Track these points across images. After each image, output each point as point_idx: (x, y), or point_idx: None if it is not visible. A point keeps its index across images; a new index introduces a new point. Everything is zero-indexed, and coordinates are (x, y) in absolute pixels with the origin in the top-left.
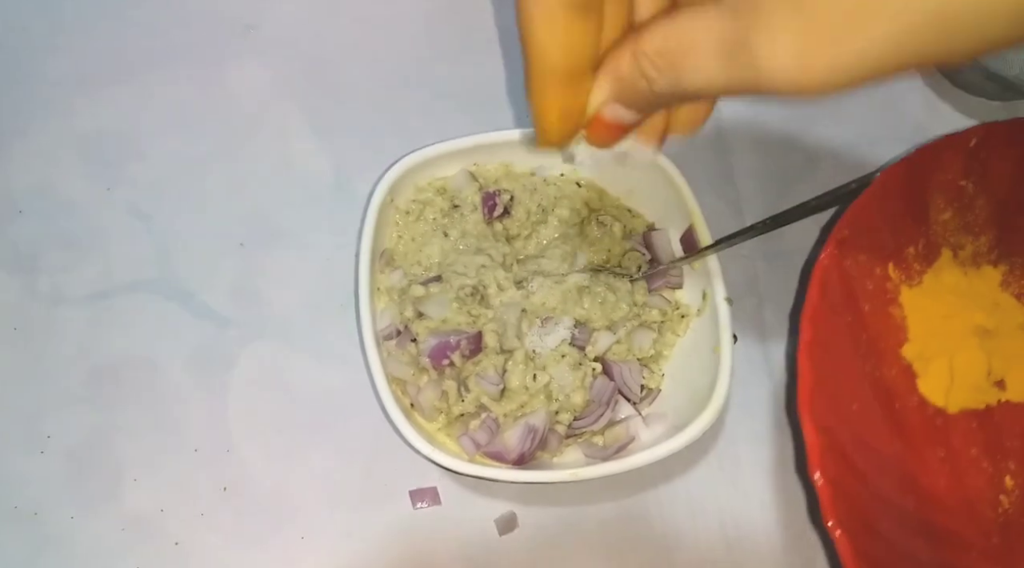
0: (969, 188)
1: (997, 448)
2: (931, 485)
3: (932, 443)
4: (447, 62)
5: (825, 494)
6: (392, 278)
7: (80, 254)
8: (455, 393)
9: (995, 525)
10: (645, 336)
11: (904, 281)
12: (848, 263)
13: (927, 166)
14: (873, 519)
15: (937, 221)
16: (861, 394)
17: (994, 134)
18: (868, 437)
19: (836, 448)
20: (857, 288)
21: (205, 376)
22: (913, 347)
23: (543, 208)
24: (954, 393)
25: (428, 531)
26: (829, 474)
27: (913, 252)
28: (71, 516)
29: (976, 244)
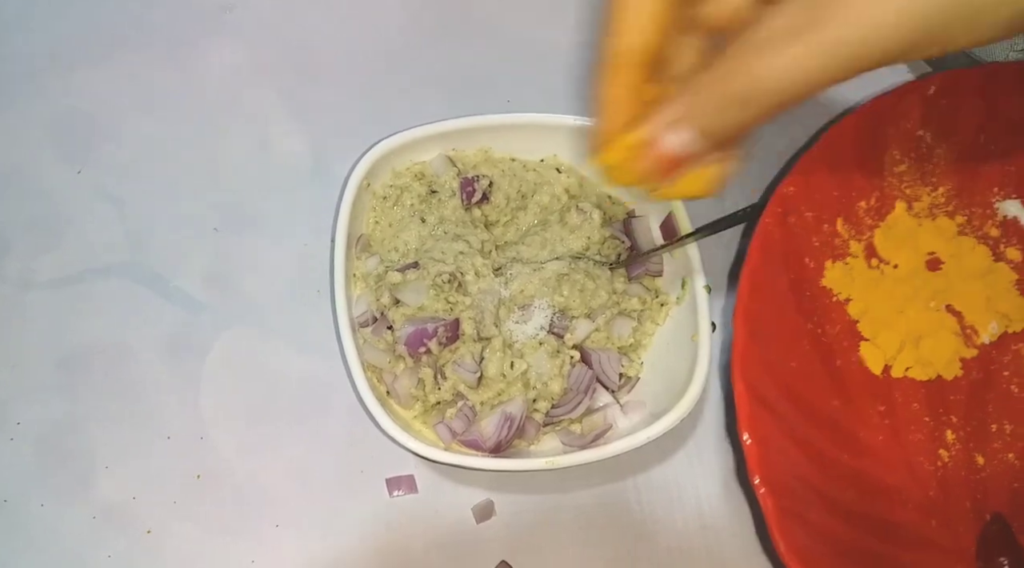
0: (927, 138)
1: (940, 402)
2: (869, 440)
3: (873, 399)
4: (427, 45)
5: (752, 453)
6: (368, 264)
7: (50, 238)
8: (431, 381)
9: (933, 479)
10: (624, 324)
11: (854, 236)
12: (792, 220)
13: (882, 116)
14: (803, 476)
15: (892, 173)
16: (800, 351)
17: (955, 81)
18: (806, 394)
19: (767, 406)
20: (802, 245)
21: (178, 363)
22: (858, 305)
23: (522, 194)
24: (900, 363)
25: (405, 519)
26: (758, 433)
27: (865, 206)
28: (41, 504)
29: (933, 195)
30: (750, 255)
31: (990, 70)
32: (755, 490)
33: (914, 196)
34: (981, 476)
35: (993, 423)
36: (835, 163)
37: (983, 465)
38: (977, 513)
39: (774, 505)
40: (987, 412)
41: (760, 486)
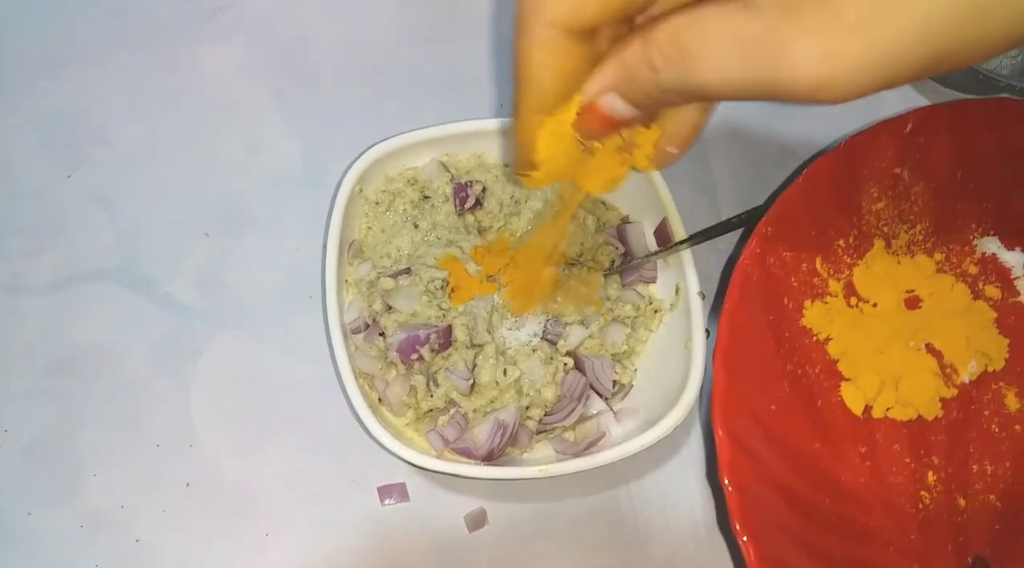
0: (905, 176)
1: (921, 442)
2: (850, 482)
3: (854, 440)
4: (421, 50)
5: (733, 500)
6: (361, 270)
7: (40, 241)
8: (424, 388)
9: (915, 521)
10: (618, 331)
11: (833, 275)
12: (771, 260)
13: (859, 155)
14: (784, 522)
15: (870, 211)
16: (780, 394)
17: (931, 118)
18: (786, 437)
19: (748, 452)
20: (781, 285)
21: (168, 368)
22: (838, 345)
23: (516, 200)
24: (881, 403)
25: (396, 527)
26: (738, 479)
27: (843, 245)
28: (29, 512)
29: (911, 233)
30: (729, 297)
31: (961, 107)
32: (736, 537)
33: (892, 234)
34: (962, 518)
35: (974, 464)
36: (813, 202)
37: (964, 507)
38: (959, 556)
39: (756, 553)
40: (968, 453)
41: (741, 534)
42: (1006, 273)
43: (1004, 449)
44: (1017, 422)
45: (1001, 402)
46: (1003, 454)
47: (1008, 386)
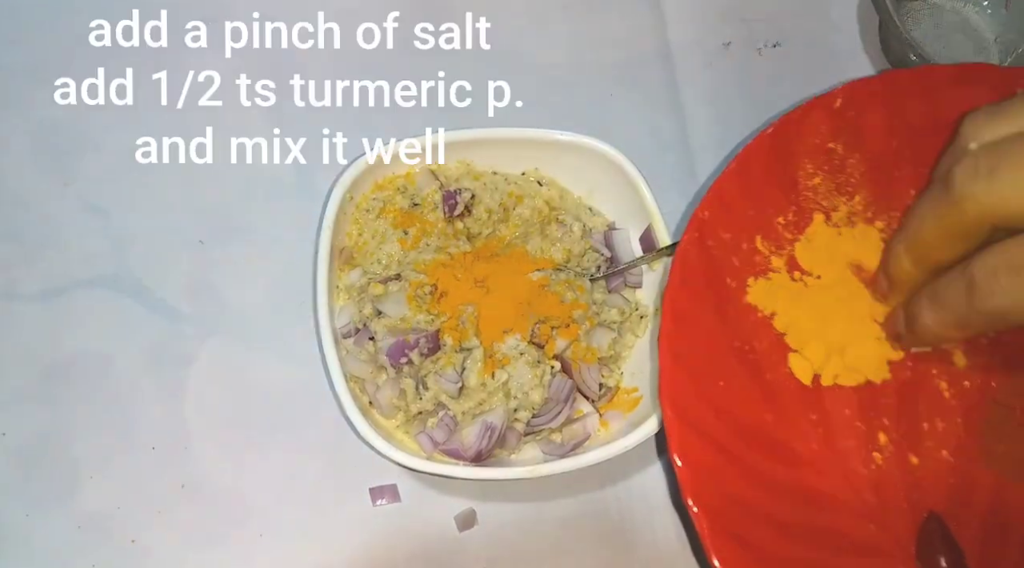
0: (839, 149)
1: (870, 406)
2: (803, 449)
3: (804, 409)
4: (411, 59)
5: (684, 476)
6: (351, 276)
7: (34, 249)
8: (413, 391)
9: (868, 482)
10: (604, 335)
11: (774, 252)
12: (711, 243)
13: (792, 133)
14: (738, 494)
15: (807, 187)
16: (727, 371)
17: (859, 91)
18: (735, 412)
19: (697, 429)
20: (722, 266)
21: (162, 373)
22: (783, 318)
23: (504, 207)
24: (829, 371)
25: (388, 528)
26: (689, 456)
27: (783, 221)
28: (26, 515)
29: (851, 204)
30: (670, 282)
31: (890, 78)
32: (688, 511)
33: (831, 207)
34: (916, 476)
35: (925, 422)
36: (748, 183)
37: (918, 465)
38: (914, 514)
39: (709, 526)
40: (918, 412)
41: (693, 507)
42: None
43: (954, 405)
44: (966, 378)
45: (949, 360)
46: (953, 410)
47: (955, 344)
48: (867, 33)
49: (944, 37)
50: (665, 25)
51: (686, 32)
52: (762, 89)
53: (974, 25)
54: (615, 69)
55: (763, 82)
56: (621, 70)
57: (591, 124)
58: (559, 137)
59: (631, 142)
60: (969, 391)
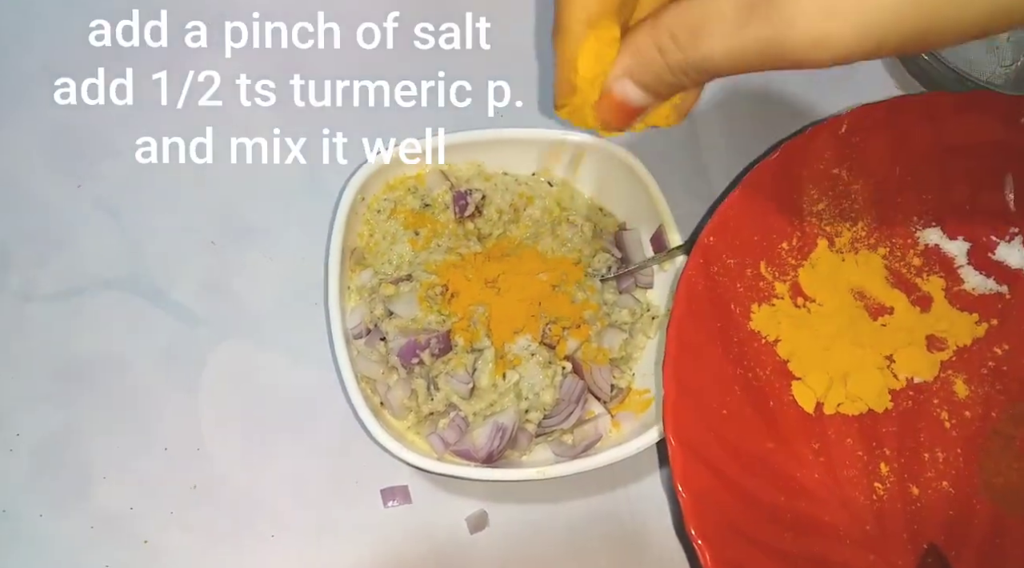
0: (844, 175)
1: (872, 435)
2: (804, 478)
3: (807, 437)
4: (422, 59)
5: (687, 505)
6: (362, 277)
7: (50, 251)
8: (424, 392)
9: (869, 512)
10: (615, 336)
11: (778, 277)
12: (715, 268)
13: (797, 158)
14: (740, 523)
15: (811, 212)
16: (731, 398)
17: (865, 116)
18: (738, 440)
19: (701, 458)
20: (726, 292)
21: (175, 374)
22: (787, 345)
23: (515, 207)
24: (831, 400)
25: (399, 529)
26: (692, 485)
27: (787, 247)
28: (40, 514)
29: (854, 230)
30: (675, 308)
31: (896, 104)
32: (692, 541)
33: (835, 232)
34: (916, 506)
35: (926, 452)
36: (753, 209)
37: (918, 495)
38: (914, 544)
39: (712, 557)
40: (919, 441)
41: (696, 538)
42: (949, 262)
43: (955, 436)
44: (967, 409)
45: (950, 390)
46: (954, 441)
47: (956, 373)
48: None
49: None
50: None
51: None
52: (773, 89)
53: None
54: None
55: (773, 79)
56: None
57: None
58: (570, 137)
59: (639, 142)
60: (970, 421)
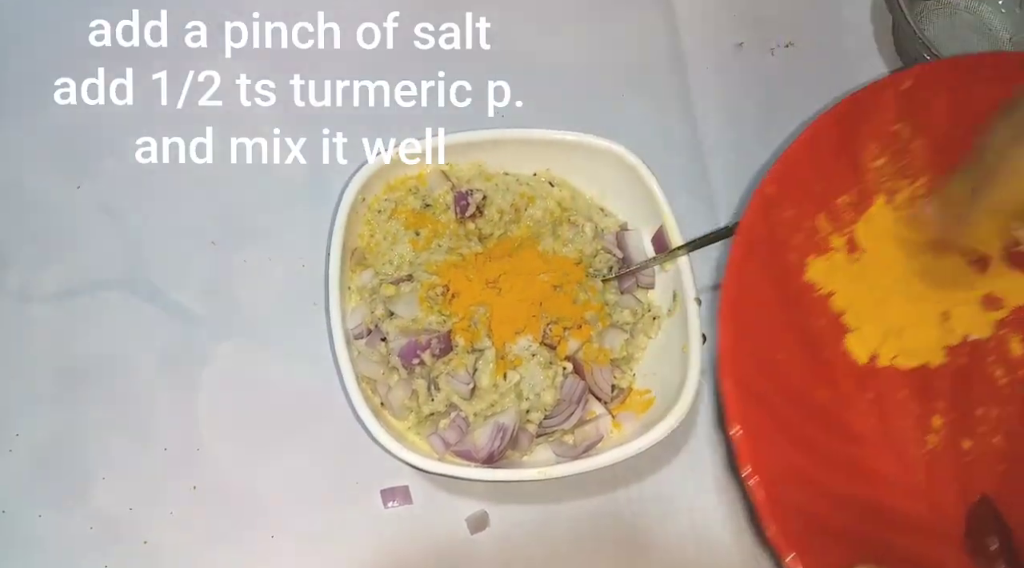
0: (904, 132)
1: (926, 389)
2: (858, 427)
3: (860, 388)
4: (422, 60)
5: (741, 445)
6: (363, 277)
7: (50, 251)
8: (425, 392)
9: (921, 463)
10: (616, 337)
11: (835, 231)
12: (775, 218)
13: (858, 113)
14: (793, 465)
15: (871, 168)
16: (786, 345)
17: (929, 74)
18: (792, 385)
19: (755, 399)
20: (785, 241)
21: (175, 375)
22: (842, 298)
23: (516, 208)
24: (886, 352)
25: (399, 530)
26: (747, 425)
27: (845, 201)
28: (39, 515)
29: (912, 188)
30: (733, 253)
31: (961, 63)
32: (744, 481)
33: (893, 189)
34: (967, 459)
35: (979, 408)
36: (814, 161)
37: (969, 449)
38: (964, 496)
39: (765, 494)
40: (972, 397)
41: (750, 477)
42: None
43: (1009, 393)
44: (1021, 367)
45: (1005, 348)
46: (1008, 398)
47: (1012, 332)
48: (880, 32)
49: (958, 36)
50: (677, 25)
51: (698, 33)
52: (774, 90)
53: (989, 24)
54: (624, 70)
55: (776, 83)
56: (630, 71)
57: (598, 125)
58: (571, 138)
59: (640, 143)
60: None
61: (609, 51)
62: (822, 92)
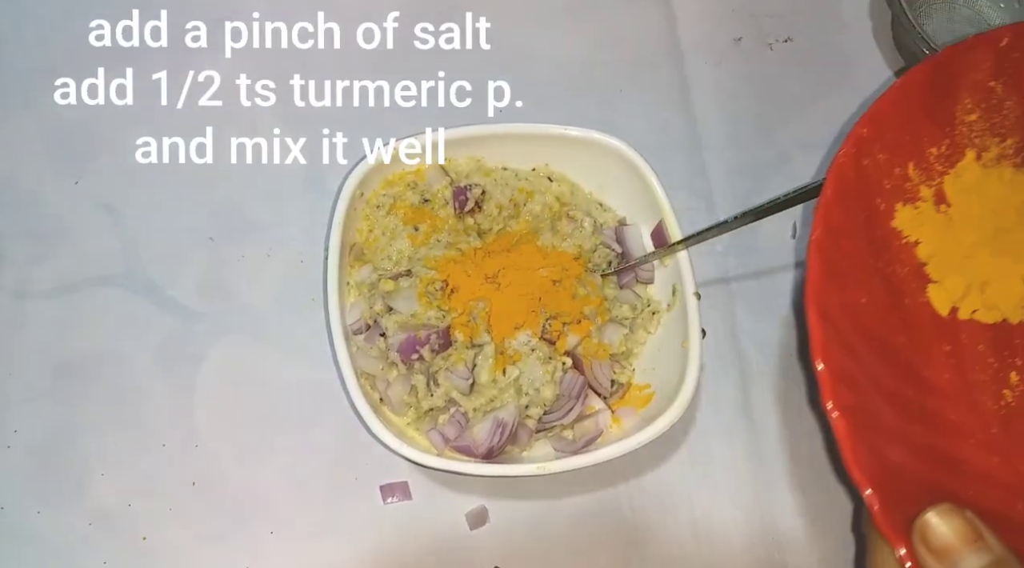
0: (999, 89)
1: (1005, 344)
2: (934, 377)
3: (939, 339)
4: (420, 56)
5: (825, 379)
6: (361, 272)
7: (47, 247)
8: (424, 387)
9: (996, 417)
10: (615, 332)
11: (924, 181)
12: (866, 161)
13: (955, 66)
14: (872, 405)
15: (963, 122)
16: (871, 288)
17: None
18: (874, 328)
19: (839, 338)
20: (874, 186)
21: (173, 371)
22: (926, 248)
23: (514, 203)
24: (967, 306)
25: (399, 526)
26: (830, 361)
27: (935, 153)
28: (38, 511)
29: (1002, 146)
30: (824, 191)
31: None
32: (827, 415)
33: (983, 146)
34: None
35: None
36: (907, 109)
37: None
38: None
39: (846, 428)
40: None
41: (833, 410)
42: None
43: None
44: None
45: None
46: None
47: None
48: (879, 27)
49: (957, 31)
50: (675, 21)
51: (697, 28)
52: (773, 85)
53: (987, 19)
54: (623, 67)
55: (774, 78)
56: (629, 68)
57: (597, 121)
58: (570, 133)
59: (639, 139)
60: None
61: (608, 47)
62: (820, 87)
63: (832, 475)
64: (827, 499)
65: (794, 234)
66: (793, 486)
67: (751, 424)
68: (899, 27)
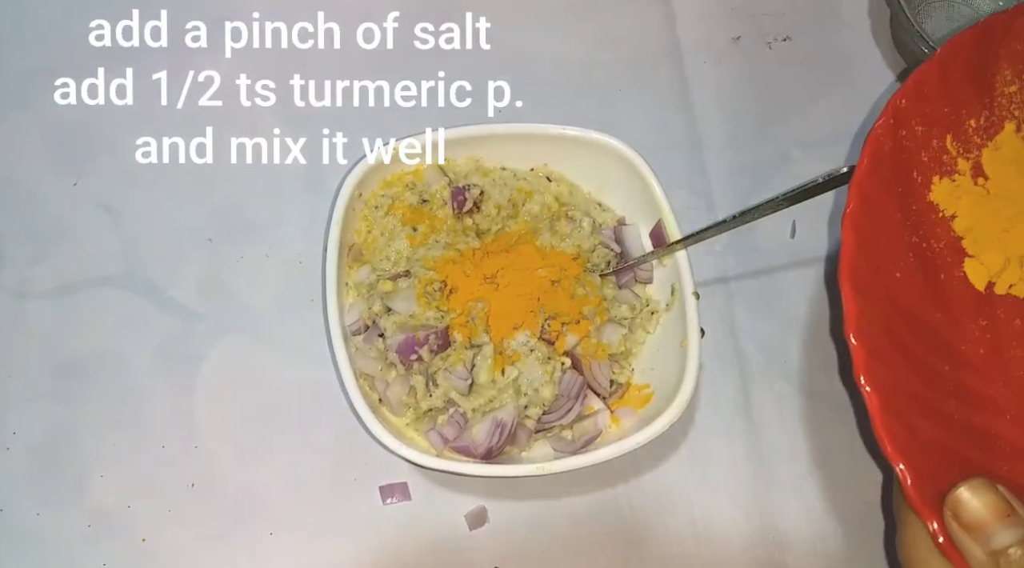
0: None
1: None
2: (969, 353)
3: (975, 314)
4: (419, 56)
5: (858, 354)
6: (360, 273)
7: (46, 248)
8: (423, 388)
9: None
10: (614, 332)
11: (962, 154)
12: (903, 133)
13: (996, 35)
14: (906, 381)
15: (1003, 94)
16: (905, 263)
17: None
18: (908, 304)
19: (873, 312)
20: (911, 158)
21: (172, 372)
22: (963, 222)
23: (513, 203)
24: (1004, 280)
25: (398, 526)
26: (863, 335)
27: (974, 125)
28: (37, 513)
29: None
30: (860, 164)
31: None
32: (860, 389)
33: (1023, 118)
34: None
35: None
36: (947, 79)
37: None
38: None
39: (879, 403)
40: None
41: (866, 384)
42: None
43: None
44: None
45: None
46: None
47: None
48: (878, 26)
49: (956, 29)
50: (675, 21)
51: (696, 27)
52: (772, 85)
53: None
54: (622, 67)
55: (773, 77)
56: (629, 68)
57: (596, 120)
58: (568, 133)
59: (639, 139)
60: None
61: (608, 47)
62: (820, 86)
63: (832, 474)
64: (827, 498)
65: (793, 234)
66: (792, 486)
67: (750, 424)
68: (898, 26)
